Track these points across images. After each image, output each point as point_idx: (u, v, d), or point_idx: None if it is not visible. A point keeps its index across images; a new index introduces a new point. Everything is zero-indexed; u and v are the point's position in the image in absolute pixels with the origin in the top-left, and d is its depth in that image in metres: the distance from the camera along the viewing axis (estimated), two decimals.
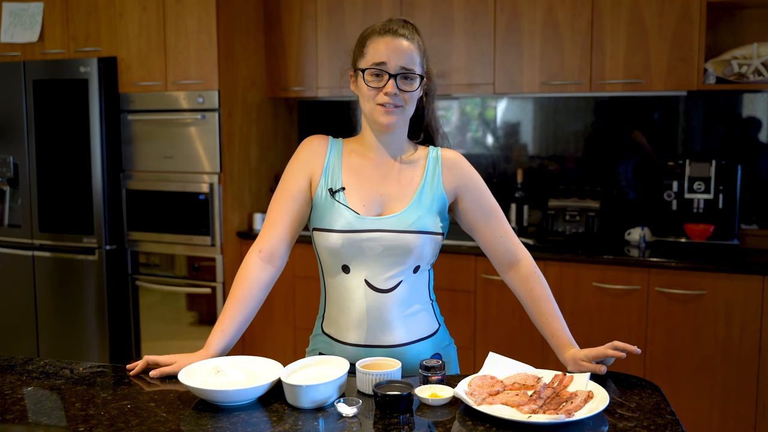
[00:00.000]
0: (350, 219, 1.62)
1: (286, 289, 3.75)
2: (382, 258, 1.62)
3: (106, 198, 3.90)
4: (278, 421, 1.37)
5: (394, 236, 1.61)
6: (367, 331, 1.64)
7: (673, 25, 3.21)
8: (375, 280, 1.63)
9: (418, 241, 1.62)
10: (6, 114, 4.06)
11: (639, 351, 1.54)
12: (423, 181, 1.68)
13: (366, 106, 1.65)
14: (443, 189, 1.68)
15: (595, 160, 3.72)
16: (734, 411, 2.99)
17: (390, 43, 1.61)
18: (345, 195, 1.65)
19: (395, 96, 1.60)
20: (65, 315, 4.04)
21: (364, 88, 1.63)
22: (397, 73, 1.60)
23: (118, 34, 3.88)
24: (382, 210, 1.65)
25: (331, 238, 1.62)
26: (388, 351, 1.64)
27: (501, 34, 3.52)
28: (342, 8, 3.81)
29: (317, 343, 1.74)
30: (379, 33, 1.63)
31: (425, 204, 1.65)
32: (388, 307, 1.63)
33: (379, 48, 1.61)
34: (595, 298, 3.18)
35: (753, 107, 3.44)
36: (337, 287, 1.67)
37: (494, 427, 1.32)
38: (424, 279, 1.70)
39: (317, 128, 4.31)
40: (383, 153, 1.70)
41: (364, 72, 1.62)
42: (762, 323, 2.92)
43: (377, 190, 1.67)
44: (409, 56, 1.61)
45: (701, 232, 3.31)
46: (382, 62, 1.60)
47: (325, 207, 1.65)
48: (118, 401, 1.45)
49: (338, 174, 1.68)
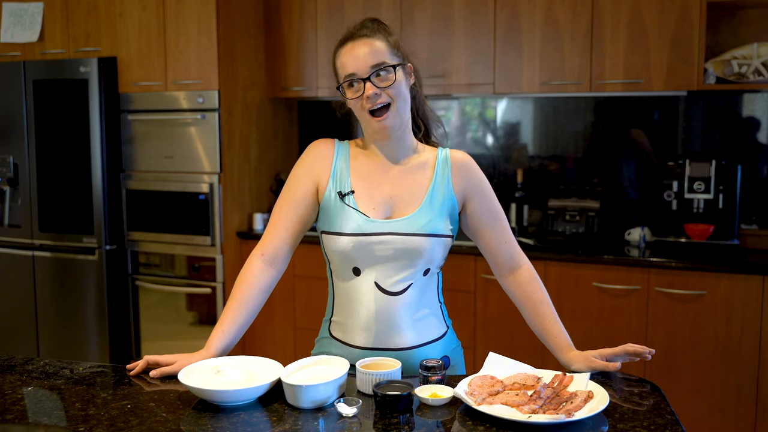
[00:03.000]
0: (360, 222, 1.61)
1: (286, 289, 3.75)
2: (393, 261, 1.61)
3: (106, 198, 3.90)
4: (278, 421, 1.37)
5: (404, 239, 1.60)
6: (376, 334, 1.63)
7: (673, 25, 3.21)
8: (385, 283, 1.62)
9: (429, 244, 1.61)
10: (6, 114, 4.06)
11: (650, 357, 1.53)
12: (433, 183, 1.67)
13: (360, 120, 1.65)
14: (453, 192, 1.68)
15: (595, 160, 3.72)
16: (734, 411, 2.99)
17: (352, 50, 1.60)
18: (354, 198, 1.64)
19: (377, 96, 1.59)
20: (65, 315, 4.04)
21: (349, 102, 1.63)
22: (369, 74, 1.59)
23: (118, 34, 3.88)
24: (392, 213, 1.64)
25: (341, 241, 1.61)
26: (397, 354, 1.63)
27: (501, 34, 3.52)
28: (342, 8, 3.81)
29: (323, 345, 1.73)
30: (342, 44, 1.63)
31: (436, 207, 1.64)
32: (397, 310, 1.62)
33: (345, 59, 1.61)
34: (595, 298, 3.18)
35: (753, 107, 3.44)
36: (347, 290, 1.66)
37: (494, 427, 1.32)
38: (433, 282, 1.69)
39: (317, 128, 4.32)
40: (391, 154, 1.69)
41: (341, 89, 1.62)
42: (762, 323, 2.93)
43: (387, 193, 1.66)
44: (374, 52, 1.59)
45: (701, 232, 3.31)
46: (352, 73, 1.59)
47: (334, 210, 1.64)
48: (118, 401, 1.45)
49: (347, 177, 1.67)
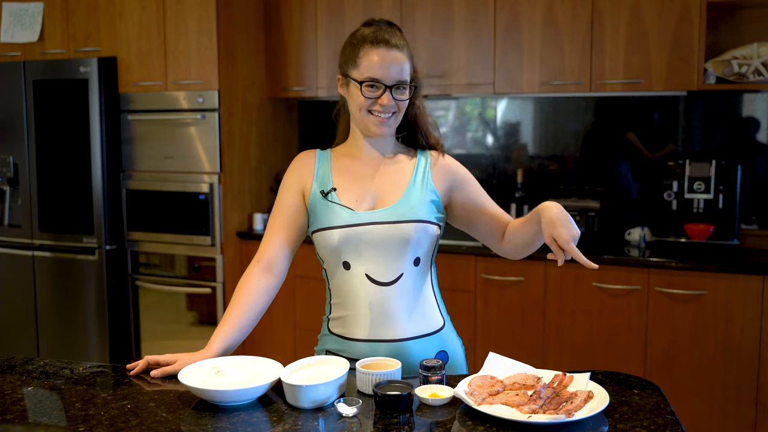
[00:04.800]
0: (344, 215, 1.65)
1: (286, 289, 3.74)
2: (380, 250, 1.64)
3: (106, 198, 3.90)
4: (278, 421, 1.37)
5: (388, 227, 1.64)
6: (371, 325, 1.65)
7: (673, 25, 3.21)
8: (375, 274, 1.65)
9: (413, 230, 1.65)
10: (6, 114, 4.06)
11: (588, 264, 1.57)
12: (414, 175, 1.72)
13: (357, 114, 1.68)
14: (435, 189, 1.72)
15: (595, 160, 3.72)
16: (734, 411, 2.99)
17: (384, 56, 1.63)
18: (337, 195, 1.69)
19: (391, 107, 1.65)
20: (65, 315, 4.04)
21: (358, 97, 1.65)
22: (392, 85, 1.63)
23: (118, 34, 3.88)
24: (375, 204, 1.69)
25: (328, 236, 1.66)
26: (394, 346, 1.65)
27: (501, 34, 3.52)
28: (342, 8, 3.81)
29: (325, 342, 1.76)
30: (372, 43, 1.64)
31: (417, 195, 1.69)
32: (391, 299, 1.65)
33: (374, 60, 1.63)
34: (595, 298, 3.18)
35: (753, 107, 3.44)
36: (341, 285, 1.69)
37: (494, 427, 1.32)
38: (426, 273, 1.72)
39: (317, 128, 4.32)
40: (372, 152, 1.74)
41: (361, 84, 1.64)
42: (762, 323, 2.92)
43: (369, 186, 1.71)
44: (403, 68, 1.65)
45: (701, 232, 3.31)
46: (377, 78, 1.63)
47: (320, 209, 1.69)
48: (118, 401, 1.45)
49: (329, 177, 1.72)
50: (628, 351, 3.13)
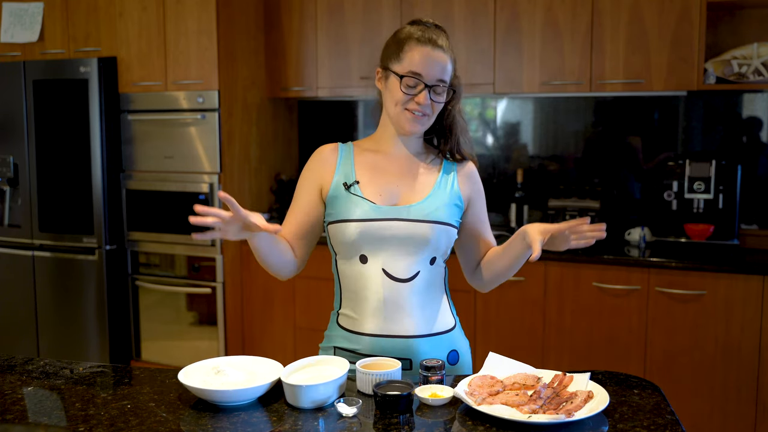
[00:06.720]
0: (366, 209, 1.65)
1: (286, 289, 3.75)
2: (399, 247, 1.64)
3: (106, 198, 3.90)
4: (278, 421, 1.37)
5: (410, 225, 1.64)
6: (384, 320, 1.65)
7: (673, 25, 3.21)
8: (393, 269, 1.65)
9: (434, 231, 1.65)
10: (6, 114, 4.06)
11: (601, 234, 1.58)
12: (440, 177, 1.73)
13: (393, 109, 1.68)
14: (460, 193, 1.73)
15: (595, 160, 3.72)
16: (734, 411, 2.99)
17: (429, 54, 1.65)
18: (360, 188, 1.69)
19: (427, 106, 1.65)
20: (65, 315, 4.04)
21: (396, 91, 1.66)
22: (432, 84, 1.65)
23: (118, 34, 3.88)
24: (398, 200, 1.69)
25: (348, 228, 1.65)
26: (405, 342, 1.65)
27: (501, 34, 3.52)
28: (342, 8, 3.81)
29: (333, 339, 1.74)
30: (419, 41, 1.66)
31: (443, 197, 1.70)
32: (405, 296, 1.65)
33: (418, 57, 1.64)
34: (595, 298, 3.18)
35: (753, 107, 3.44)
36: (355, 277, 1.69)
37: (494, 427, 1.32)
38: (440, 273, 1.73)
39: (317, 128, 4.32)
40: (401, 148, 1.75)
41: (402, 78, 1.64)
42: (762, 323, 2.92)
43: (393, 182, 1.71)
44: (445, 68, 1.67)
45: (701, 232, 3.31)
46: (420, 73, 1.64)
47: (340, 200, 1.68)
48: (118, 401, 1.45)
49: (351, 170, 1.71)
50: (628, 351, 3.13)
